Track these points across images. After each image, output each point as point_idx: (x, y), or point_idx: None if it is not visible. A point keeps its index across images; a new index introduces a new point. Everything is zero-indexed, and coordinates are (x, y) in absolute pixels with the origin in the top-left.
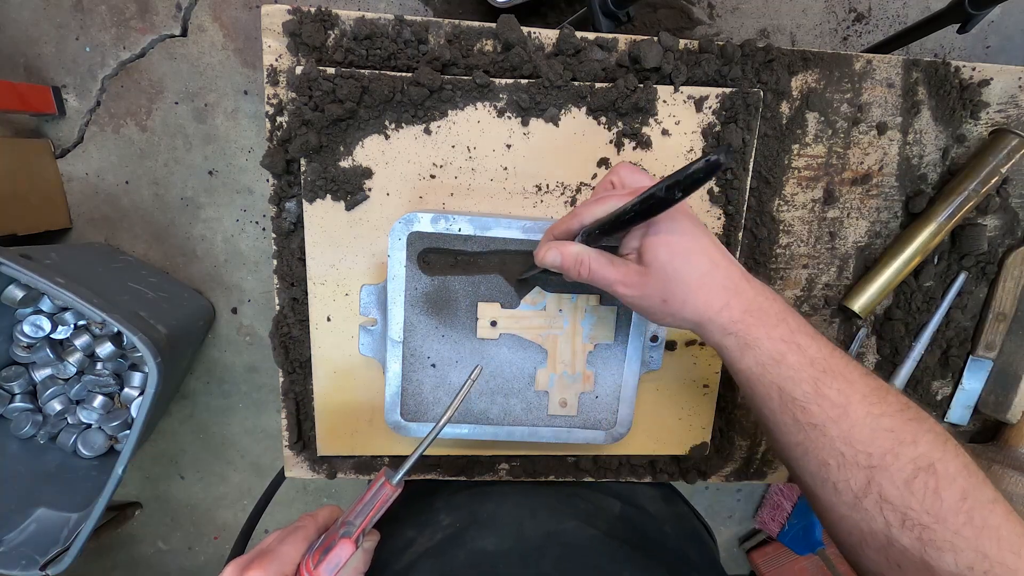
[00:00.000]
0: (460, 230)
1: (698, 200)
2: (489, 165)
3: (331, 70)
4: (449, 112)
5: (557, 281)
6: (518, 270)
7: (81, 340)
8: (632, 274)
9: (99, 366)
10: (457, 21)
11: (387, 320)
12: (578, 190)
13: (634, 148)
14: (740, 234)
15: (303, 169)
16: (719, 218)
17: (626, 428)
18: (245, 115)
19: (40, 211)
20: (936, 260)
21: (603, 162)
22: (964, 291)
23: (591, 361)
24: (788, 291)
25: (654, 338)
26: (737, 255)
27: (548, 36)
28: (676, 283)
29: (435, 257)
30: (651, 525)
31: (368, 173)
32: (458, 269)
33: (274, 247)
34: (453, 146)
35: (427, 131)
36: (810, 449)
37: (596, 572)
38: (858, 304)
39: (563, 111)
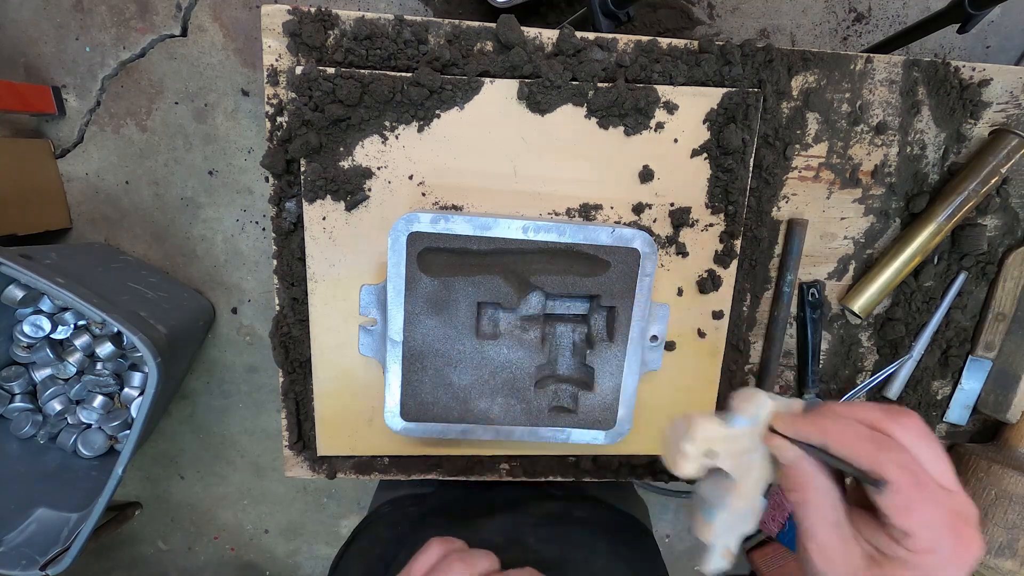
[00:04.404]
0: (460, 230)
1: (698, 203)
2: (490, 166)
3: (331, 70)
4: (449, 112)
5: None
6: (518, 271)
7: (81, 340)
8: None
9: (99, 366)
10: (457, 21)
11: (387, 320)
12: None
13: (634, 148)
14: (739, 241)
15: (303, 169)
16: (720, 220)
17: (626, 429)
18: (245, 115)
19: (40, 211)
20: (936, 260)
21: (605, 162)
22: (964, 291)
23: (590, 360)
24: None
25: (653, 338)
26: (737, 260)
27: (548, 36)
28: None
29: (435, 257)
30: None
31: (368, 173)
32: (458, 269)
33: (274, 247)
34: (453, 147)
35: (427, 131)
36: None
37: None
38: (858, 304)
39: (563, 111)
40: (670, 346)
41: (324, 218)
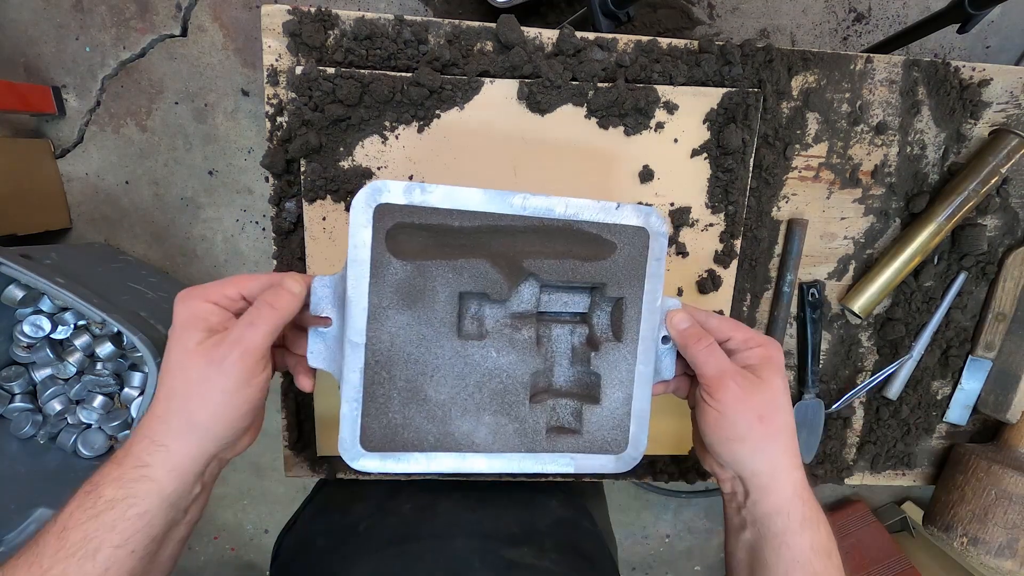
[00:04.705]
0: (439, 203)
1: (698, 203)
2: (490, 166)
3: (331, 70)
4: (449, 112)
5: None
6: (508, 255)
7: (81, 340)
8: (746, 378)
9: (99, 366)
10: (457, 21)
11: (345, 317)
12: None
13: (634, 148)
14: (739, 241)
15: (303, 169)
16: (720, 220)
17: (640, 452)
18: (245, 115)
19: (40, 211)
20: (936, 260)
21: (605, 162)
22: (964, 291)
23: (595, 364)
24: None
25: (665, 339)
26: (737, 260)
27: (548, 36)
28: (781, 411)
29: (408, 237)
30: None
31: (368, 173)
32: (437, 252)
33: (274, 247)
34: (453, 147)
35: (427, 131)
36: None
37: None
38: (858, 304)
39: (563, 111)
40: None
41: (324, 218)
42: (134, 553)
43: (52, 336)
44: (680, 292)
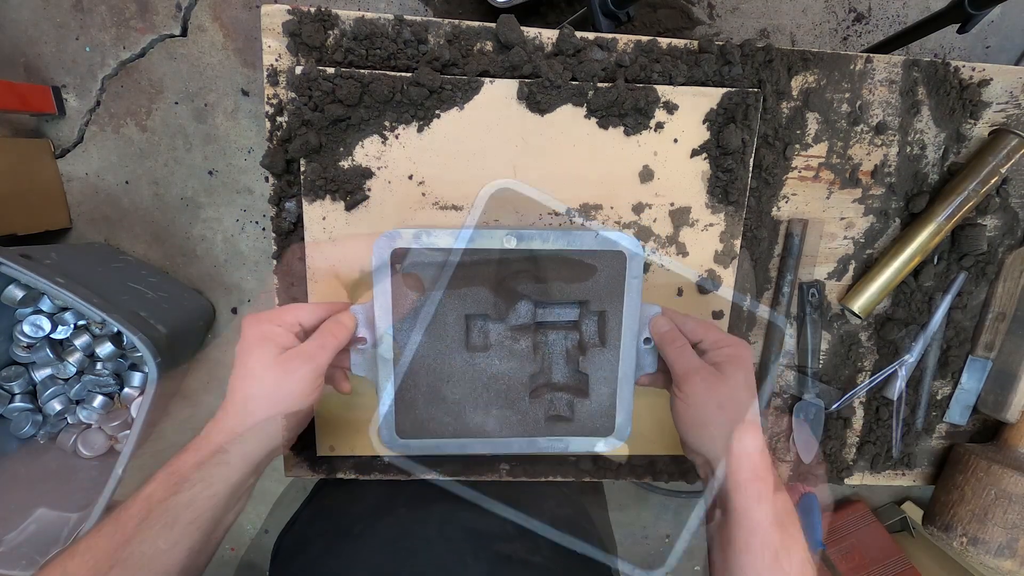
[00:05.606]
0: (443, 244)
1: (698, 203)
2: (490, 166)
3: (331, 70)
4: (449, 112)
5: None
6: (504, 281)
7: (81, 340)
8: (710, 373)
9: (99, 366)
10: (457, 21)
11: (376, 339)
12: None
13: (634, 148)
14: (739, 241)
15: (303, 169)
16: (720, 220)
17: (625, 435)
18: (245, 115)
19: (40, 211)
20: (936, 260)
21: (605, 162)
22: (964, 291)
23: (583, 366)
24: None
25: (647, 340)
26: (737, 260)
27: (548, 36)
28: (741, 404)
29: (420, 271)
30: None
31: (368, 173)
32: (444, 283)
33: (274, 247)
34: (453, 147)
35: (427, 131)
36: None
37: None
38: (858, 304)
39: (563, 111)
40: None
41: (324, 218)
42: (200, 529)
43: (52, 336)
44: (680, 292)
